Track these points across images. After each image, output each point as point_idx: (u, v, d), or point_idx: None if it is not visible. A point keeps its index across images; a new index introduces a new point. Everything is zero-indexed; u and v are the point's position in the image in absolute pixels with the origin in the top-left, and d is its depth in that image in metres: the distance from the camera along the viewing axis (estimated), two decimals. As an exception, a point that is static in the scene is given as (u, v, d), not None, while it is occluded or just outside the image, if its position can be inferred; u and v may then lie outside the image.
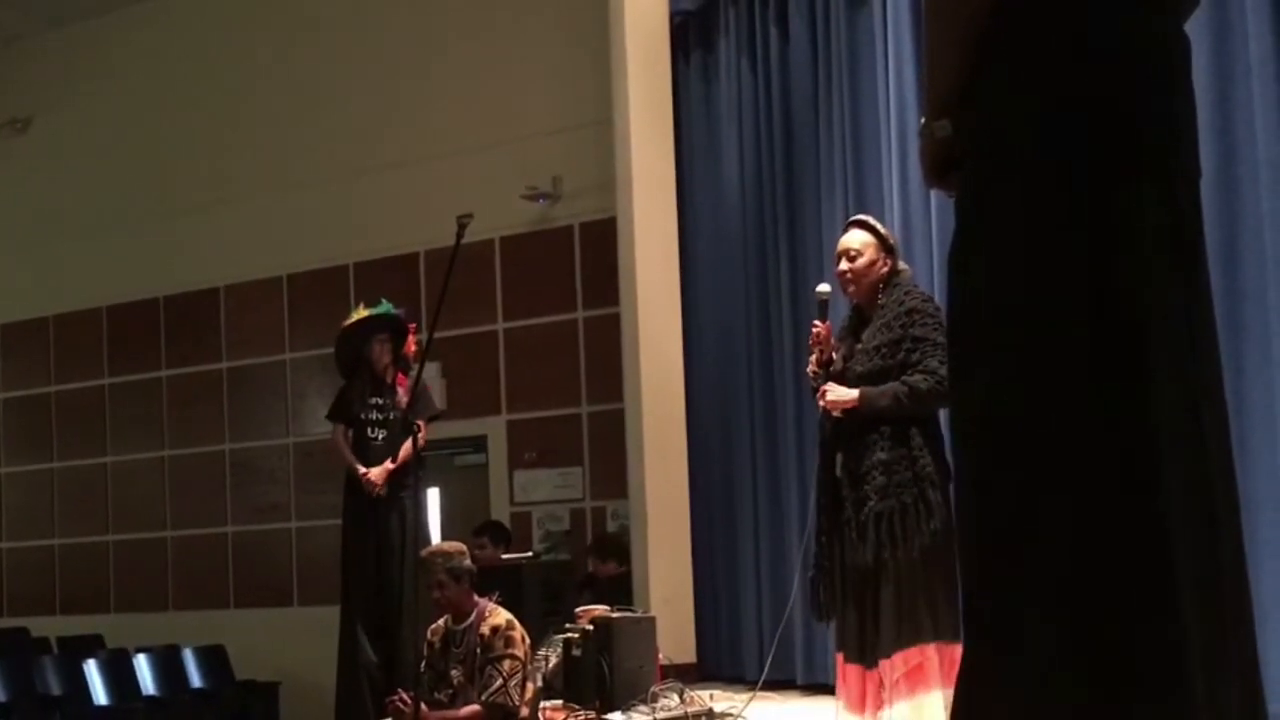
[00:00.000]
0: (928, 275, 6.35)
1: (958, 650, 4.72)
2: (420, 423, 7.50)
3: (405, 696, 6.13)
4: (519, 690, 6.17)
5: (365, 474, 7.48)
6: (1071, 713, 1.96)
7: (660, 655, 6.62)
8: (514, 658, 6.19)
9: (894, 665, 4.82)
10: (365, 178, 11.23)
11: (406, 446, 7.40)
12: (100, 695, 10.04)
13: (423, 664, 6.44)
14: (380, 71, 11.26)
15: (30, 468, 13.19)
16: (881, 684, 4.86)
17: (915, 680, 4.80)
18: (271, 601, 11.60)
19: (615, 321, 9.14)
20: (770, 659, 6.60)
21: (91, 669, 10.15)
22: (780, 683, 7.53)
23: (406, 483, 7.50)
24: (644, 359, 8.62)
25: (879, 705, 4.87)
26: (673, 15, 9.06)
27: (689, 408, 8.80)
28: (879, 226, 5.29)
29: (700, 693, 6.38)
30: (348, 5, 11.59)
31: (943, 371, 4.91)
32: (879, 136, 7.60)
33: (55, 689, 10.04)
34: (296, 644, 10.65)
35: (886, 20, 7.50)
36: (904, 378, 4.98)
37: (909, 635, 4.83)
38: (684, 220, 9.00)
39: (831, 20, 8.04)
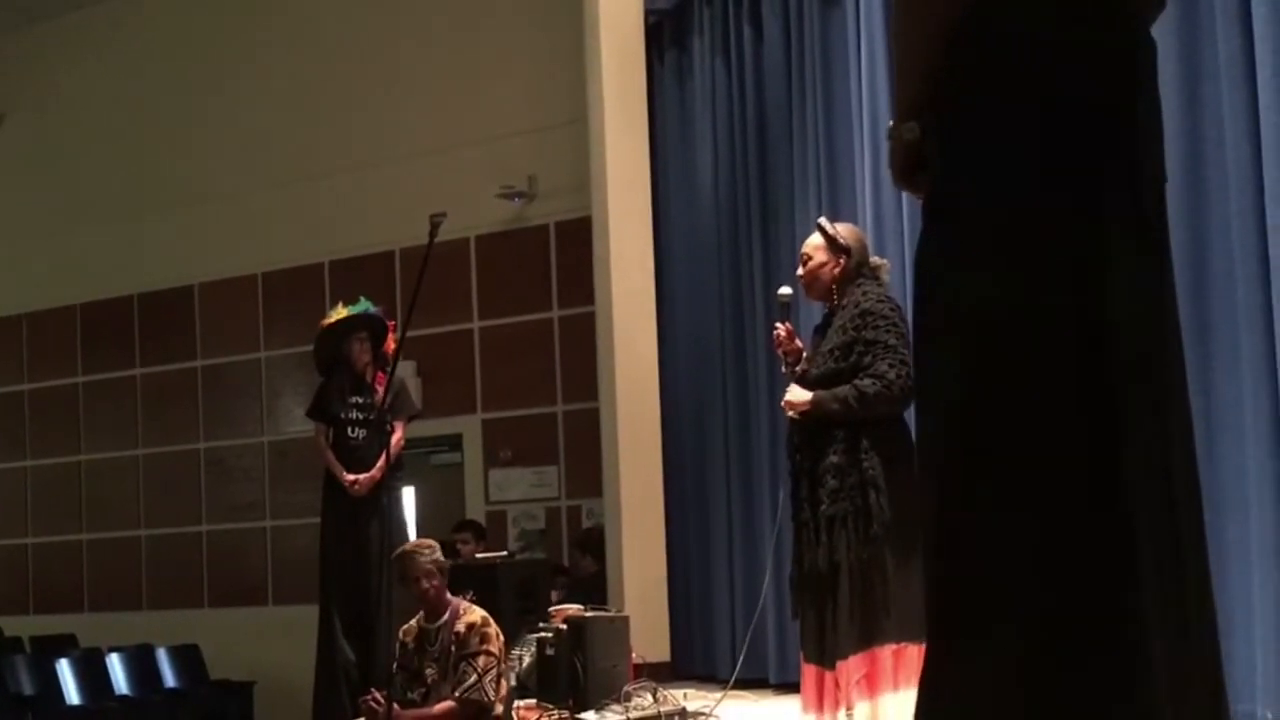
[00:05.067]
0: (900, 275, 6.36)
1: (914, 651, 4.75)
2: (397, 423, 7.51)
3: (378, 696, 6.13)
4: (494, 686, 6.17)
5: (353, 481, 7.46)
6: (1034, 716, 1.97)
7: (634, 654, 6.62)
8: (489, 653, 6.20)
9: (852, 667, 4.84)
10: (340, 176, 11.22)
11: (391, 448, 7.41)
12: (73, 695, 10.00)
13: (394, 664, 6.44)
14: (355, 70, 11.24)
15: (3, 466, 13.14)
16: (838, 685, 4.88)
17: (874, 682, 4.82)
18: (246, 600, 11.58)
19: (590, 320, 9.15)
20: (743, 658, 6.62)
21: (64, 668, 10.12)
22: (753, 681, 7.55)
23: (386, 483, 7.49)
24: (619, 358, 8.63)
25: (835, 706, 4.89)
26: (647, 14, 9.06)
27: (663, 406, 8.81)
28: (830, 227, 5.30)
29: (674, 691, 6.38)
30: (323, 4, 11.57)
31: (891, 376, 4.93)
32: (852, 136, 7.62)
33: (27, 689, 9.99)
34: (271, 643, 10.63)
35: (859, 20, 7.52)
36: (854, 381, 5.00)
37: (866, 637, 4.86)
38: (658, 219, 9.01)
39: (805, 20, 8.06)
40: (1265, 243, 4.88)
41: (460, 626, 6.26)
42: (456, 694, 6.14)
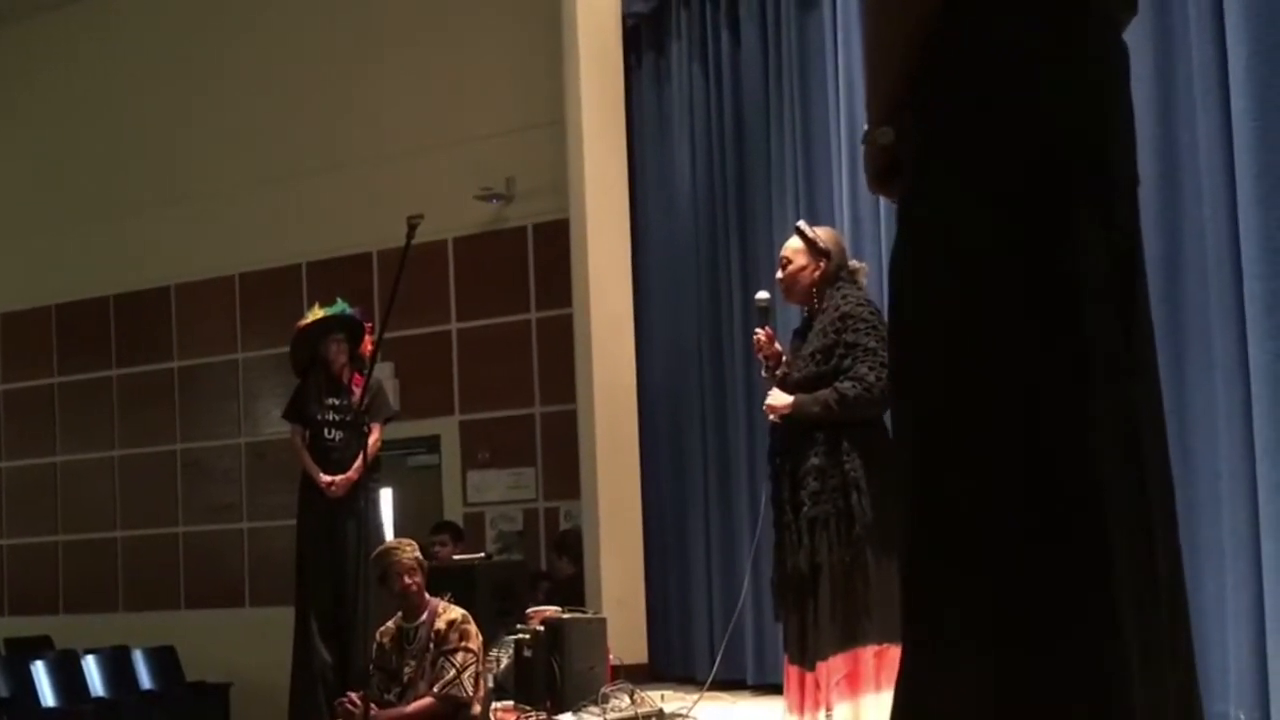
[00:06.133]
0: (877, 278, 6.38)
1: (896, 652, 4.75)
2: (374, 425, 7.51)
3: (354, 698, 6.13)
4: (472, 683, 6.18)
5: (330, 483, 7.45)
6: (1009, 713, 1.98)
7: (611, 656, 6.63)
8: (468, 650, 6.22)
9: (833, 668, 4.86)
10: (318, 177, 11.20)
11: (368, 449, 7.41)
12: (48, 697, 9.96)
13: (371, 666, 6.44)
14: (333, 71, 11.23)
15: (-22, 467, 13.08)
16: (819, 685, 4.90)
17: (856, 682, 4.84)
18: (223, 602, 11.55)
19: (568, 322, 9.16)
20: (721, 659, 6.64)
21: (39, 670, 10.08)
22: (731, 683, 7.56)
23: (363, 484, 7.49)
24: (596, 360, 8.63)
25: (815, 706, 4.91)
26: (625, 17, 9.08)
27: (641, 408, 8.82)
28: (809, 231, 5.32)
29: (651, 693, 6.40)
30: (300, 4, 11.55)
31: (871, 378, 4.96)
32: (829, 139, 7.64)
33: (3, 691, 9.96)
34: (248, 645, 10.60)
35: (836, 24, 7.54)
36: (835, 384, 5.02)
37: (848, 638, 4.87)
38: (636, 221, 9.02)
39: (782, 24, 8.08)
40: (1238, 247, 4.91)
41: (440, 624, 6.29)
42: (435, 690, 6.15)
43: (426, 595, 6.44)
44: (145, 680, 10.85)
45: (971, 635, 1.99)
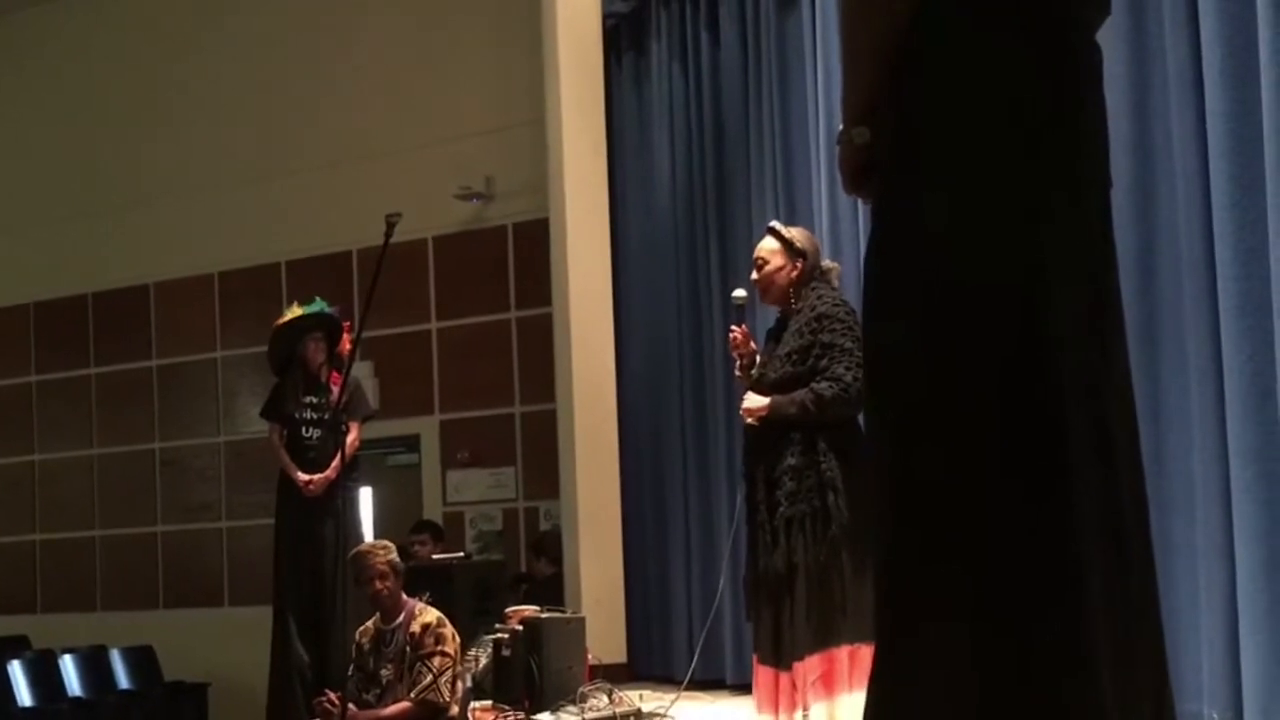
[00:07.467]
0: (855, 279, 6.40)
1: (870, 651, 4.77)
2: (352, 423, 7.50)
3: (333, 697, 6.14)
4: (449, 687, 6.19)
5: (307, 482, 7.43)
6: (982, 713, 1.99)
7: (590, 655, 6.64)
8: (444, 654, 6.22)
9: (809, 668, 4.87)
10: (298, 176, 11.18)
11: (345, 448, 7.39)
12: (24, 697, 9.91)
13: (350, 666, 6.44)
14: (313, 70, 11.21)
15: (-44, 466, 13.02)
16: (794, 686, 4.91)
17: (831, 682, 4.85)
18: (201, 602, 11.52)
19: (548, 322, 9.16)
20: (699, 658, 6.65)
21: (16, 670, 10.03)
22: (710, 682, 7.58)
23: (341, 483, 7.48)
24: (576, 359, 8.64)
25: (791, 707, 4.92)
26: (605, 17, 9.09)
27: (621, 408, 8.83)
28: (784, 231, 5.34)
29: (629, 693, 6.40)
30: (280, 4, 11.53)
31: (848, 379, 4.97)
32: (808, 139, 7.66)
33: (-21, 690, 9.93)
34: (226, 645, 10.59)
35: (816, 24, 7.55)
36: (812, 384, 5.03)
37: (823, 638, 4.89)
38: (616, 221, 9.03)
39: (762, 24, 8.10)
40: (1212, 249, 4.93)
41: (415, 627, 6.29)
42: (412, 695, 6.16)
43: (403, 597, 6.44)
44: (123, 680, 10.82)
45: (947, 638, 2.01)
